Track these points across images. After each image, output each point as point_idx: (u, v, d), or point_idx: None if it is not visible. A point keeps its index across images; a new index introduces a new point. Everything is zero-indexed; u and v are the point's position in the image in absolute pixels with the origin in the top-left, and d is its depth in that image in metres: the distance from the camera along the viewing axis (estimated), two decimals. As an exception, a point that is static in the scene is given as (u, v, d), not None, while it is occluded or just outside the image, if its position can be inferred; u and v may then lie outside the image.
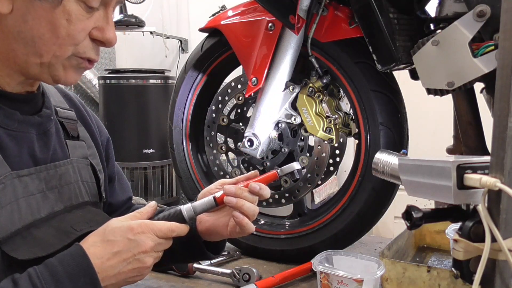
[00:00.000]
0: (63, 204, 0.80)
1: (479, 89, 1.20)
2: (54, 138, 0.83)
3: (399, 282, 1.11)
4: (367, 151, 1.32)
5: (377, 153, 1.07)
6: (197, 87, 1.64)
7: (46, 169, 0.79)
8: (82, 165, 0.88)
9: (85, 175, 0.88)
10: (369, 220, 1.37)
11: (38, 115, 0.80)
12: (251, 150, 1.40)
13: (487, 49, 1.02)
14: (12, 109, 0.75)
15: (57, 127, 0.85)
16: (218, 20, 1.51)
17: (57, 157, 0.83)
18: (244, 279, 1.26)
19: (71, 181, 0.84)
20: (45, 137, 0.81)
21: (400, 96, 1.34)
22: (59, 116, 0.87)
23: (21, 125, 0.76)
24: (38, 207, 0.75)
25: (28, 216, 0.73)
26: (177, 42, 3.63)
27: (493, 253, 0.60)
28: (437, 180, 0.65)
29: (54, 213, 0.78)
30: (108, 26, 0.74)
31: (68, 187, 0.83)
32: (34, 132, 0.78)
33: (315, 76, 1.37)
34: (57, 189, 0.80)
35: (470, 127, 1.22)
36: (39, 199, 0.76)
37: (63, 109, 0.90)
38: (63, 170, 0.82)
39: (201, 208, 0.84)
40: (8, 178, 0.71)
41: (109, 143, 1.03)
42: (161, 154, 3.17)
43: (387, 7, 1.17)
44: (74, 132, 0.89)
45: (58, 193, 0.80)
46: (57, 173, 0.81)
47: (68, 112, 0.91)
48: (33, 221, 0.73)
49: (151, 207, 0.83)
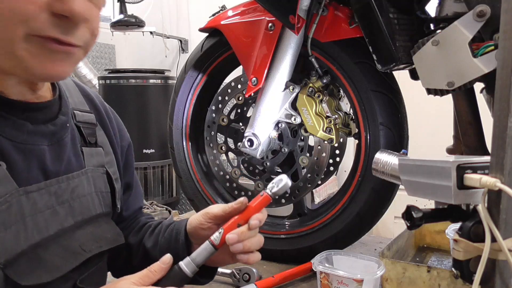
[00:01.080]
0: (73, 219, 0.75)
1: (479, 89, 1.20)
2: (68, 148, 0.77)
3: (399, 282, 1.11)
4: (367, 151, 1.32)
5: (377, 153, 1.07)
6: (197, 87, 1.64)
7: (58, 183, 0.73)
8: (98, 174, 0.83)
9: (100, 185, 0.83)
10: (369, 220, 1.37)
11: (52, 124, 0.73)
12: (251, 150, 1.40)
13: (487, 49, 1.02)
14: (23, 119, 0.68)
15: (73, 134, 0.79)
16: (218, 20, 1.51)
17: (71, 168, 0.77)
18: (244, 279, 1.26)
19: (84, 193, 0.78)
20: (58, 147, 0.75)
21: (400, 96, 1.34)
22: (77, 120, 0.81)
23: (31, 137, 0.69)
24: (47, 224, 0.69)
25: (35, 235, 0.67)
26: (177, 42, 3.64)
27: (493, 253, 0.60)
28: (437, 180, 0.65)
29: (63, 229, 0.72)
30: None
31: (80, 200, 0.77)
32: (46, 143, 0.72)
33: (315, 76, 1.37)
34: (68, 203, 0.74)
35: (470, 127, 1.21)
36: (47, 216, 0.70)
37: (82, 111, 0.83)
38: (76, 182, 0.77)
39: (202, 258, 0.79)
40: (14, 196, 0.65)
41: (130, 148, 0.97)
42: (161, 154, 3.17)
43: (387, 7, 1.17)
44: (92, 138, 0.83)
45: (69, 207, 0.74)
46: (69, 186, 0.75)
47: (87, 115, 0.84)
48: (40, 240, 0.68)
49: (165, 264, 0.75)
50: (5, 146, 0.66)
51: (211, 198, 1.60)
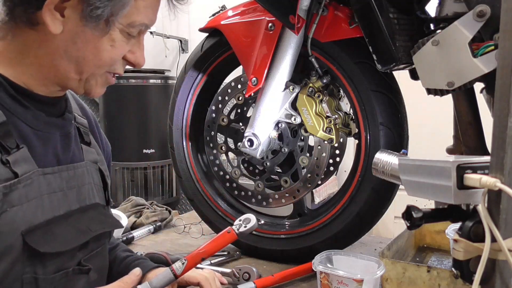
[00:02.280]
0: (79, 204, 0.85)
1: (479, 89, 1.20)
2: (73, 141, 0.88)
3: (399, 282, 1.11)
4: (367, 151, 1.32)
5: (377, 153, 1.07)
6: (197, 87, 1.64)
7: (67, 169, 0.84)
8: (93, 169, 0.93)
9: (95, 179, 0.93)
10: (369, 220, 1.37)
11: (62, 118, 0.85)
12: (251, 150, 1.40)
13: (487, 49, 1.02)
14: (39, 110, 0.80)
15: (75, 131, 0.91)
16: (218, 20, 1.51)
17: (75, 158, 0.88)
18: (244, 278, 1.26)
19: (85, 182, 0.88)
20: (67, 139, 0.86)
21: (400, 96, 1.34)
22: (76, 121, 0.92)
23: (47, 126, 0.81)
24: (58, 204, 0.80)
25: (49, 212, 0.77)
26: (177, 42, 3.64)
27: (493, 253, 0.60)
28: (437, 180, 0.65)
29: (71, 211, 0.82)
30: (140, 51, 0.84)
31: (84, 188, 0.87)
32: (58, 133, 0.84)
33: (315, 76, 1.37)
34: (75, 188, 0.84)
35: (470, 127, 1.21)
36: (60, 197, 0.80)
37: (79, 115, 0.95)
38: (80, 171, 0.87)
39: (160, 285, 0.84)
40: (35, 174, 0.75)
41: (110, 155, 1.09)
42: (161, 154, 3.17)
43: (387, 7, 1.17)
44: (87, 138, 0.95)
45: (76, 193, 0.84)
46: (75, 174, 0.85)
47: (82, 120, 0.96)
48: (53, 218, 0.78)
49: (135, 276, 0.87)
50: (27, 131, 0.77)
51: (211, 198, 1.60)
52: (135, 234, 1.68)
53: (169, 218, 1.88)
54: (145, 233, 1.74)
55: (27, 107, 0.78)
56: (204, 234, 1.72)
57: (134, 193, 3.12)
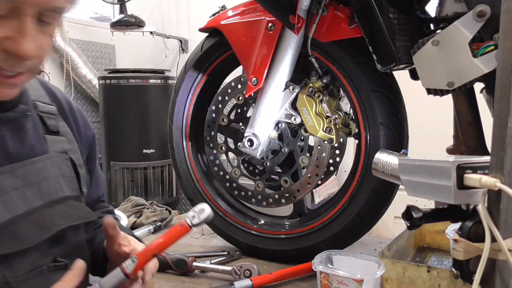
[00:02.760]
0: (42, 200, 0.79)
1: (479, 89, 1.20)
2: (31, 134, 0.81)
3: (399, 282, 1.11)
4: (367, 151, 1.32)
5: (377, 153, 1.07)
6: (197, 87, 1.64)
7: (22, 166, 0.77)
8: (62, 159, 0.87)
9: (64, 170, 0.87)
10: (369, 220, 1.37)
11: (13, 111, 0.78)
12: (251, 150, 1.40)
13: (487, 49, 1.02)
14: None
15: (35, 122, 0.84)
16: (218, 20, 1.51)
17: (34, 152, 0.81)
18: (245, 275, 1.26)
19: (50, 176, 0.82)
20: (21, 132, 0.80)
21: (400, 96, 1.34)
22: (38, 110, 0.86)
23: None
24: (15, 204, 0.74)
25: (5, 214, 0.72)
26: (177, 42, 3.64)
27: (493, 253, 0.60)
28: (437, 180, 0.65)
29: (33, 209, 0.77)
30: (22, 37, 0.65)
31: (47, 182, 0.81)
32: (8, 129, 0.77)
33: (315, 76, 1.37)
34: (35, 184, 0.78)
35: (470, 127, 1.21)
36: (14, 197, 0.74)
37: (43, 103, 0.88)
38: (41, 165, 0.81)
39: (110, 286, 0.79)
40: None
41: (93, 139, 1.02)
42: (161, 154, 3.17)
43: (387, 7, 1.17)
44: (54, 127, 0.88)
45: (36, 189, 0.79)
46: (34, 169, 0.79)
47: (49, 107, 0.89)
48: (10, 218, 0.72)
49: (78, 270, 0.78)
50: None
51: (211, 198, 1.60)
52: (135, 234, 1.68)
53: (169, 218, 1.89)
54: (145, 233, 1.74)
55: None
56: (204, 234, 1.72)
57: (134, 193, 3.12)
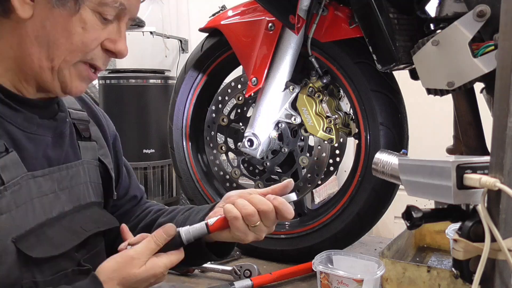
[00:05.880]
0: (72, 204, 0.83)
1: (479, 89, 1.20)
2: (67, 140, 0.86)
3: (399, 282, 1.11)
4: (367, 151, 1.32)
5: (377, 153, 1.07)
6: (197, 87, 1.64)
7: (59, 170, 0.82)
8: (92, 166, 0.91)
9: (93, 177, 0.91)
10: (369, 220, 1.37)
11: (54, 119, 0.84)
12: (251, 150, 1.40)
13: (487, 49, 1.02)
14: (32, 113, 0.79)
15: (71, 129, 0.89)
16: (218, 20, 1.51)
17: (69, 158, 0.86)
18: (245, 275, 1.26)
19: (81, 181, 0.87)
20: (60, 139, 0.84)
21: (400, 96, 1.34)
22: (71, 117, 0.90)
23: (40, 129, 0.80)
24: (51, 206, 0.78)
25: (42, 216, 0.76)
26: (177, 42, 3.64)
27: (493, 253, 0.60)
28: (437, 180, 0.65)
29: (64, 213, 0.81)
30: (120, 39, 0.79)
31: (78, 188, 0.86)
32: (50, 134, 0.82)
33: (315, 76, 1.37)
34: (67, 189, 0.83)
35: (470, 127, 1.22)
36: (51, 199, 0.79)
37: (75, 110, 0.93)
38: (74, 171, 0.85)
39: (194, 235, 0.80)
40: (24, 178, 0.74)
41: (117, 138, 1.05)
42: (161, 154, 3.17)
43: (387, 7, 1.17)
44: (86, 133, 0.92)
45: (68, 194, 0.83)
46: (68, 174, 0.84)
47: (80, 113, 0.93)
48: (46, 220, 0.77)
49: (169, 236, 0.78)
50: (17, 134, 0.76)
51: (211, 198, 1.60)
52: (135, 234, 1.68)
53: (169, 218, 1.88)
54: (145, 233, 1.74)
55: (17, 110, 0.77)
56: (204, 234, 1.72)
57: (134, 193, 3.12)
